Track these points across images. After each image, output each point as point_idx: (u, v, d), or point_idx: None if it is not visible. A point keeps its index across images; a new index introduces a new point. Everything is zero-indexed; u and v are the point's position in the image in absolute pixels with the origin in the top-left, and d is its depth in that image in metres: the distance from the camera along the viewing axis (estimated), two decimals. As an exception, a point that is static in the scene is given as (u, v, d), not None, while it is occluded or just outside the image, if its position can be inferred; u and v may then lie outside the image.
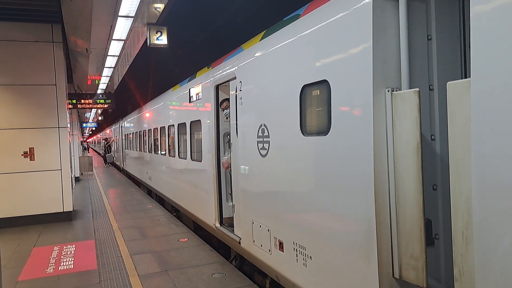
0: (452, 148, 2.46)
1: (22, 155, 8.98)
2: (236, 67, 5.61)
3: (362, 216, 3.15)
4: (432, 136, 3.12)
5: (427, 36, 3.14)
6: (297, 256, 4.08)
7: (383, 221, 3.04)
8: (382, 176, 3.03)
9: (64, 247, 7.18)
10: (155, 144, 12.46)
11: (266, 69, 4.78)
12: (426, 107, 3.09)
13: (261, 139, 4.79)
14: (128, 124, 20.37)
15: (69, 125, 10.44)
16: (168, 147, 10.53)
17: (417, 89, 2.83)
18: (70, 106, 15.01)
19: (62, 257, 6.58)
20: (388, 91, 3.01)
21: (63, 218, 9.38)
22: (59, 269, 6.01)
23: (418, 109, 2.79)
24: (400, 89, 3.03)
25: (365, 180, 3.09)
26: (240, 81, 5.45)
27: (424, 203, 2.80)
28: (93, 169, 24.17)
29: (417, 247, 2.85)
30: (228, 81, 5.99)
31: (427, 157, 2.98)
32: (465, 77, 3.05)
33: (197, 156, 7.87)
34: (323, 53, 3.66)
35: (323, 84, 3.61)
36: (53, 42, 9.21)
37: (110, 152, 30.23)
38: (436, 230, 3.10)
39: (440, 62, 3.13)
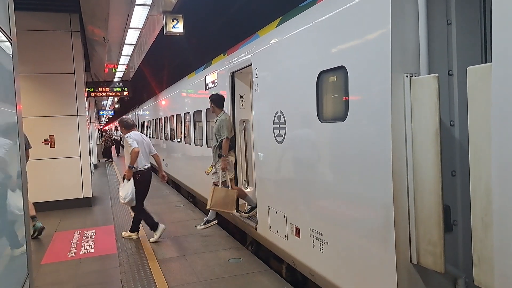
0: (472, 134, 2.43)
1: (42, 142, 9.16)
2: (252, 54, 5.60)
3: (380, 202, 3.16)
4: (451, 122, 3.08)
5: (447, 21, 3.08)
6: (313, 242, 4.12)
7: (401, 207, 3.04)
8: (400, 162, 3.02)
9: (85, 231, 7.37)
10: (171, 131, 12.57)
11: (282, 56, 4.76)
12: (445, 92, 3.04)
13: (277, 126, 4.80)
14: (144, 111, 20.55)
15: (87, 113, 10.59)
16: (184, 135, 10.62)
17: (436, 74, 2.80)
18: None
19: (83, 241, 6.76)
20: (407, 76, 2.98)
21: (83, 204, 9.60)
22: (81, 253, 6.18)
23: (437, 94, 2.76)
24: (419, 75, 2.99)
25: (383, 166, 3.09)
26: (256, 68, 5.45)
27: (442, 189, 2.78)
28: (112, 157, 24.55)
29: (435, 233, 2.84)
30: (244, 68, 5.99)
31: (446, 143, 2.96)
32: (485, 62, 2.99)
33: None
34: (340, 39, 3.63)
35: (340, 70, 3.59)
36: (71, 31, 9.31)
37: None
38: (454, 216, 3.08)
39: (460, 47, 3.07)
